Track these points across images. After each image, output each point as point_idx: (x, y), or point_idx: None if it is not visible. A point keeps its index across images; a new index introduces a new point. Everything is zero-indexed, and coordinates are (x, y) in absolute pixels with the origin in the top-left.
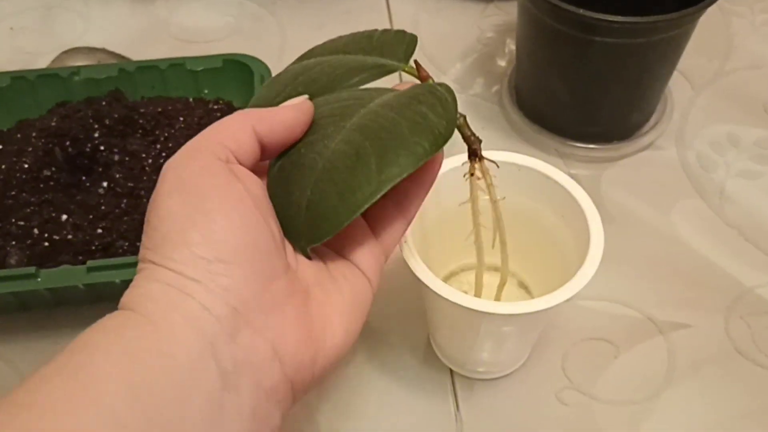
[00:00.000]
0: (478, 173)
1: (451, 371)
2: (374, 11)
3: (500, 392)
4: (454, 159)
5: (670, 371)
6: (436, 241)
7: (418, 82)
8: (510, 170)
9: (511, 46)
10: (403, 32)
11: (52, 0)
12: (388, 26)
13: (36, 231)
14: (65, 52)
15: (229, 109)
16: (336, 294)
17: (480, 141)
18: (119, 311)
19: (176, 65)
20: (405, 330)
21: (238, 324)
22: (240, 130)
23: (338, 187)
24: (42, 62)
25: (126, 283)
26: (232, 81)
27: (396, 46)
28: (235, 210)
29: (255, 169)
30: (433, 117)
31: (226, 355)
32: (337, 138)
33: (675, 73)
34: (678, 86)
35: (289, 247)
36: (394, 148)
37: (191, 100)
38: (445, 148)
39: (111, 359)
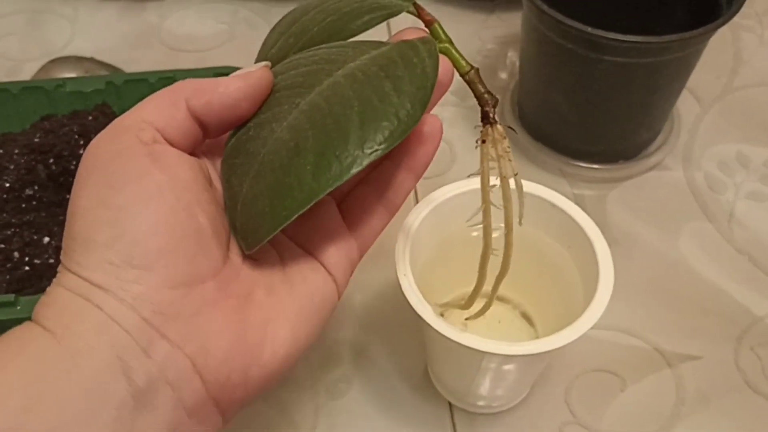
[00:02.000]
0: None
1: (450, 404)
2: None
3: (501, 427)
4: (456, 185)
5: (678, 405)
6: (437, 269)
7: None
8: (514, 197)
9: (513, 58)
10: None
11: (40, 4)
12: (386, 35)
13: (16, 254)
14: (52, 62)
15: None
16: (286, 297)
17: (496, 101)
18: (26, 323)
19: (166, 79)
20: (401, 359)
21: (152, 336)
22: (171, 106)
23: (271, 188)
24: (28, 69)
25: None
26: None
27: None
28: (150, 205)
29: (208, 148)
30: (395, 97)
31: (138, 371)
32: (286, 120)
33: (683, 90)
34: (685, 103)
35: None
36: (336, 144)
37: None
38: (446, 172)
39: (5, 377)
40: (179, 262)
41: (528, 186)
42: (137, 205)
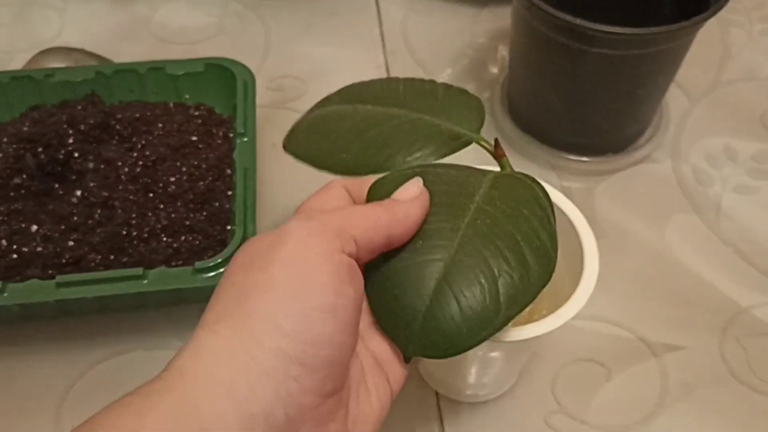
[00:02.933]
0: None
1: (437, 393)
2: (363, 12)
3: (487, 416)
4: None
5: (663, 395)
6: None
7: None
8: None
9: (504, 53)
10: (467, 93)
11: None
12: (377, 28)
13: (4, 242)
14: (41, 53)
15: (210, 116)
16: (367, 407)
17: None
18: (180, 381)
19: (156, 69)
20: None
21: None
22: (375, 230)
23: (463, 309)
24: (18, 60)
25: (98, 300)
26: (214, 86)
27: (465, 110)
28: (337, 317)
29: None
30: (545, 237)
31: None
32: (455, 240)
33: (671, 84)
34: (674, 97)
35: None
36: (523, 277)
37: (171, 105)
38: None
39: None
40: (332, 375)
41: None
42: (328, 314)
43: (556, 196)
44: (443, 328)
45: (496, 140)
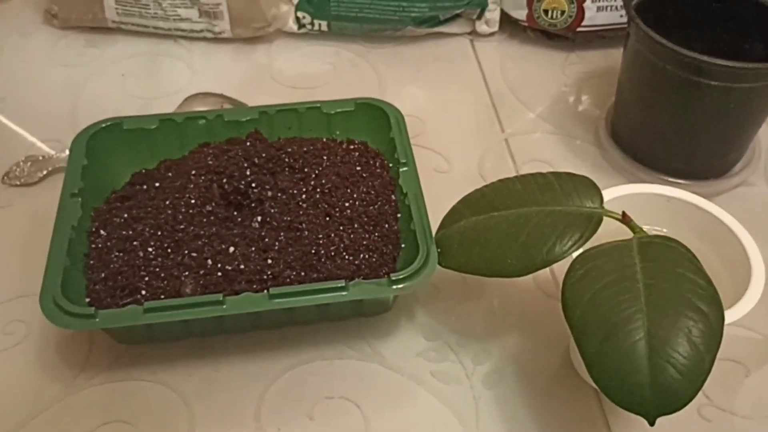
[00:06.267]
0: None
1: (597, 391)
2: (463, 58)
3: None
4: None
5: None
6: None
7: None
8: (659, 201)
9: (591, 89)
10: (574, 175)
11: (157, 48)
12: (478, 72)
13: (209, 262)
14: (187, 99)
15: (365, 149)
16: None
17: None
18: None
19: (313, 108)
20: (544, 350)
21: None
22: None
23: (677, 368)
24: (155, 106)
25: (286, 312)
26: (363, 123)
27: (582, 191)
28: None
29: None
30: (703, 283)
31: None
32: (644, 320)
33: None
34: (762, 129)
35: None
36: (704, 324)
37: (325, 140)
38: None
39: None
40: None
41: (672, 191)
42: None
43: (716, 211)
44: (669, 390)
45: (623, 212)
